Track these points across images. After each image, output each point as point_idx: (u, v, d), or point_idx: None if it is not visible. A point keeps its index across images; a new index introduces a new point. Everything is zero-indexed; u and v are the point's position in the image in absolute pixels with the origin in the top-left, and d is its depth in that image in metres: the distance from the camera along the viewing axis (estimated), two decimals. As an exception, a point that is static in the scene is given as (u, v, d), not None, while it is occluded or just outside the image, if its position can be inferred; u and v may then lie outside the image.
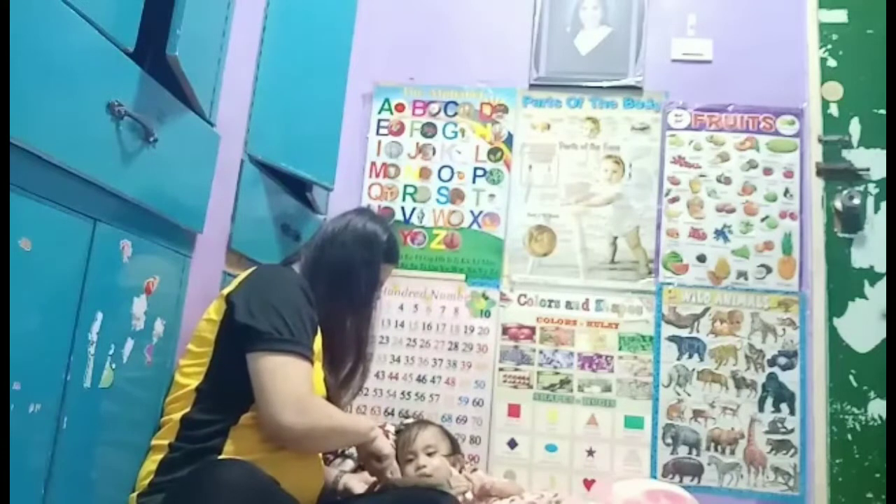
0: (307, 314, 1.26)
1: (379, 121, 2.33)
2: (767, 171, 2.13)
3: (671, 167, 2.17)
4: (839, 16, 2.18)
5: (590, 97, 2.26)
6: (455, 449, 1.83)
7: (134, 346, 1.19)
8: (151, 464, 1.16)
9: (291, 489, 1.14)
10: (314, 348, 1.27)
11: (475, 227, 2.22)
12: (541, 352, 2.10)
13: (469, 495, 1.71)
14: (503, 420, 2.07)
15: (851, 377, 1.96)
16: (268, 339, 1.17)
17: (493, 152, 2.27)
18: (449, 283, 2.18)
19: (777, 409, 1.98)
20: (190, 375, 1.23)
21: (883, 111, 2.09)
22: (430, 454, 1.71)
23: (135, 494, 1.15)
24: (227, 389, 1.19)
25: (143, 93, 1.14)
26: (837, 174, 2.09)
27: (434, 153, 2.29)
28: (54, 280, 0.98)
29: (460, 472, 1.79)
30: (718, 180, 2.14)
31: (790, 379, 1.99)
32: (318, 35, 2.05)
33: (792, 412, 1.97)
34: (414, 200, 2.26)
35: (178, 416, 1.19)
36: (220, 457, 1.14)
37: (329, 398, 1.36)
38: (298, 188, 1.93)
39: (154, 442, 1.20)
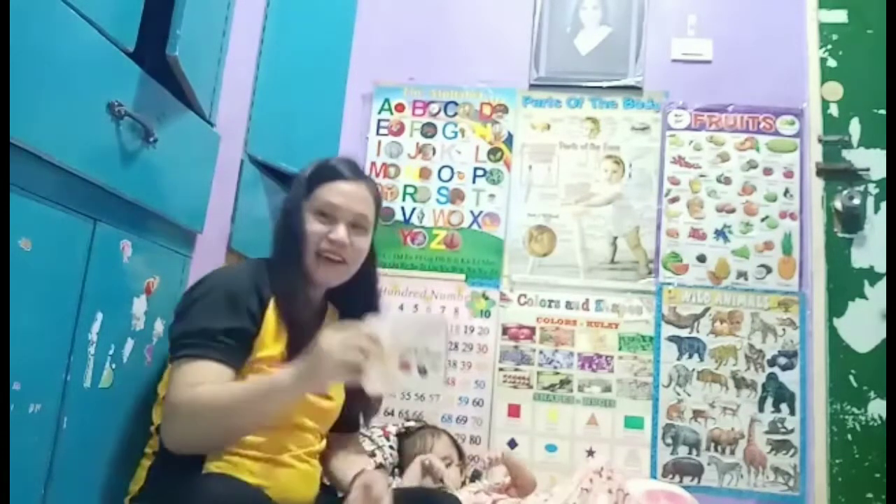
0: (225, 298, 1.09)
1: (379, 121, 2.33)
2: (767, 171, 2.13)
3: (671, 167, 2.17)
4: (839, 16, 2.18)
5: (590, 97, 2.26)
6: (462, 456, 1.85)
7: (134, 346, 1.19)
8: (142, 470, 1.13)
9: (281, 495, 1.10)
10: (249, 331, 1.10)
11: (475, 227, 2.22)
12: (541, 352, 2.10)
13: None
14: (503, 420, 2.07)
15: (851, 377, 1.96)
16: (172, 349, 1.09)
17: (493, 152, 2.26)
18: (449, 283, 2.18)
19: (777, 409, 1.98)
20: (166, 384, 1.15)
21: (883, 111, 2.09)
22: (446, 465, 1.74)
23: (128, 499, 1.13)
24: None
25: (143, 93, 1.14)
26: (837, 174, 2.09)
27: (434, 153, 2.29)
28: (54, 280, 0.98)
29: (464, 482, 1.80)
30: (718, 180, 2.14)
31: (790, 379, 1.99)
32: (318, 35, 2.05)
33: (792, 412, 1.97)
34: (414, 200, 2.26)
35: (157, 424, 1.13)
36: (206, 463, 1.08)
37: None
38: (298, 188, 1.92)
39: (147, 449, 1.16)
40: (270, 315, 1.14)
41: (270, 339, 1.13)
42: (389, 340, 0.98)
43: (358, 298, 1.28)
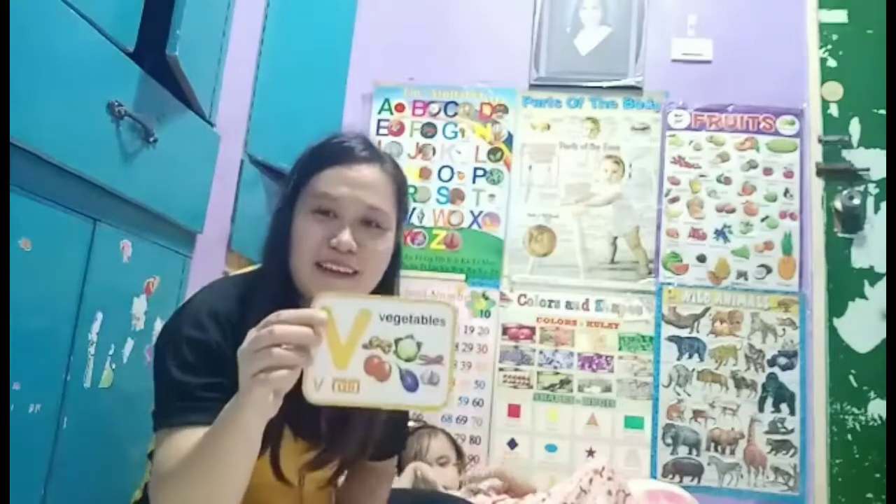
0: (196, 348, 0.86)
1: (379, 121, 2.33)
2: (767, 172, 2.13)
3: (671, 167, 2.17)
4: (839, 16, 2.18)
5: (590, 97, 2.26)
6: (460, 455, 1.85)
7: (134, 346, 1.19)
8: (141, 483, 1.02)
9: None
10: (228, 385, 0.79)
11: (475, 227, 2.21)
12: (541, 352, 2.10)
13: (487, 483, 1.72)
14: (503, 420, 2.07)
15: (851, 377, 1.96)
16: (153, 415, 0.89)
17: (493, 152, 2.26)
18: (449, 283, 2.18)
19: (777, 409, 1.98)
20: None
21: (883, 111, 2.09)
22: (442, 464, 1.74)
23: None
24: None
25: (143, 93, 1.14)
26: (837, 174, 2.09)
27: (434, 153, 2.29)
28: (54, 280, 0.98)
29: (462, 481, 1.81)
30: (718, 180, 2.14)
31: (790, 379, 1.99)
32: (318, 35, 2.05)
33: (792, 412, 1.97)
34: (414, 200, 2.26)
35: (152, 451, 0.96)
36: None
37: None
38: (298, 188, 1.92)
39: (146, 468, 1.01)
40: None
41: None
42: (348, 327, 0.69)
43: None
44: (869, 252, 2.02)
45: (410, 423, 1.93)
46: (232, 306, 0.90)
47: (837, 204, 2.05)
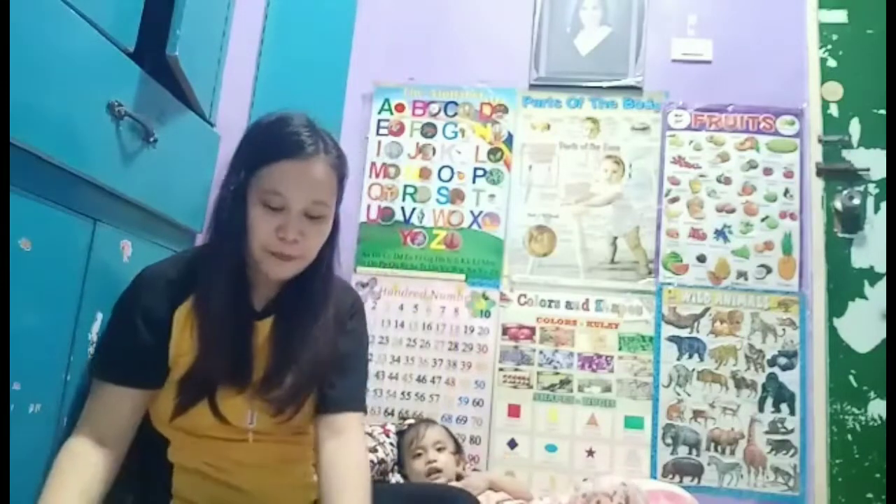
0: (128, 311, 1.04)
1: (379, 121, 2.33)
2: (767, 172, 2.13)
3: (671, 167, 2.17)
4: (839, 16, 2.18)
5: (590, 97, 2.26)
6: (458, 448, 1.86)
7: (134, 346, 1.18)
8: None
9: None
10: (151, 345, 1.03)
11: (475, 227, 2.21)
12: (541, 352, 2.10)
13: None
14: (503, 420, 2.07)
15: (851, 377, 1.96)
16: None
17: (493, 152, 2.26)
18: (449, 283, 2.18)
19: (777, 410, 1.98)
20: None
21: (883, 111, 2.09)
22: (439, 449, 1.76)
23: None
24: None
25: (143, 93, 1.14)
26: (837, 174, 2.09)
27: (434, 153, 2.29)
28: (54, 280, 0.98)
29: (463, 470, 1.82)
30: (718, 180, 2.14)
31: (790, 379, 1.99)
32: (318, 35, 2.05)
33: (792, 412, 1.97)
34: (414, 200, 2.26)
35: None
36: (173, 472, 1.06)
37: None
38: (298, 188, 1.93)
39: None
40: (180, 317, 1.04)
41: (180, 348, 1.03)
42: None
43: (300, 298, 1.09)
44: (869, 252, 2.02)
45: (412, 421, 1.94)
46: (184, 276, 1.05)
47: (837, 204, 2.06)
